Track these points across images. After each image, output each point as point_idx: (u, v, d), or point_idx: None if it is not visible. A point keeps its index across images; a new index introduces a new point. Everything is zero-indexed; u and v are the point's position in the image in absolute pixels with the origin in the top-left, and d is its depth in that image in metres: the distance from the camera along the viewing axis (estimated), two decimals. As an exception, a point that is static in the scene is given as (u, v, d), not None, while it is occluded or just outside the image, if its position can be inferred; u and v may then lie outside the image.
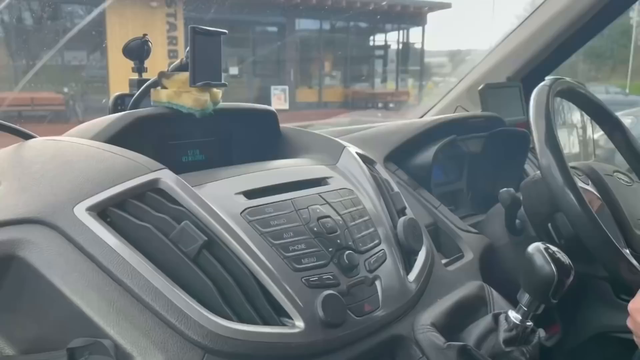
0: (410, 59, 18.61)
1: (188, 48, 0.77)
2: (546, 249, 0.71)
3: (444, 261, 0.91)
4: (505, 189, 0.98)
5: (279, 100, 12.56)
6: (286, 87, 13.31)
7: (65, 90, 11.93)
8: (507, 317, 0.74)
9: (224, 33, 0.80)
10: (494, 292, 0.87)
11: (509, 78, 1.57)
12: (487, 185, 1.28)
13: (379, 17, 16.40)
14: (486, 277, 0.94)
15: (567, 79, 0.98)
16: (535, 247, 0.71)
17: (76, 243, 0.58)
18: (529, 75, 1.57)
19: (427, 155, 1.08)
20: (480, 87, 1.45)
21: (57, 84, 12.41)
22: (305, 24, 16.77)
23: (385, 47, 18.74)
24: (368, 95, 17.47)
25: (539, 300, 0.71)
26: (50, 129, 0.81)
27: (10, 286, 0.58)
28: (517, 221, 1.02)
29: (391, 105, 17.20)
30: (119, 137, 0.76)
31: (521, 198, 0.99)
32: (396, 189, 0.89)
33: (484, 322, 0.76)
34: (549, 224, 0.94)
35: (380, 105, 17.09)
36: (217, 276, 0.60)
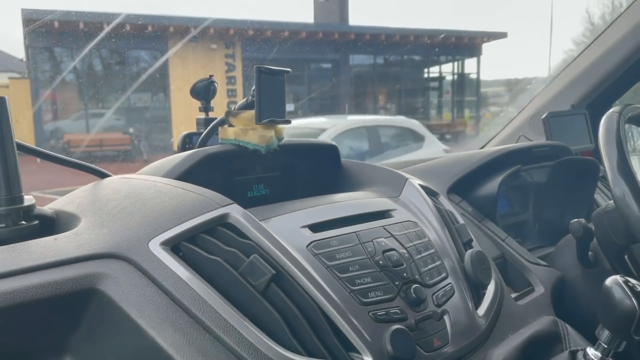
0: (466, 90, 18.43)
1: (254, 87, 0.79)
2: (625, 282, 0.67)
3: (513, 295, 0.88)
4: (576, 219, 0.95)
5: (334, 135, 12.66)
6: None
7: (131, 130, 12.52)
8: (585, 355, 0.71)
9: (288, 72, 0.82)
10: (569, 328, 0.83)
11: (573, 106, 1.53)
12: (555, 216, 1.24)
13: (433, 49, 16.41)
14: (559, 311, 0.90)
15: (638, 105, 0.95)
16: (613, 280, 0.68)
17: (151, 277, 0.60)
18: (594, 103, 1.53)
19: (492, 186, 1.06)
20: (543, 116, 1.42)
21: (123, 125, 13.05)
22: (359, 59, 16.99)
23: (440, 78, 18.68)
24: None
25: (620, 337, 0.68)
26: (118, 168, 0.86)
27: (91, 318, 0.60)
28: (590, 253, 0.98)
29: (448, 136, 17.01)
30: (188, 174, 0.79)
31: (593, 229, 0.96)
32: (461, 220, 0.88)
33: (561, 359, 0.73)
34: (626, 256, 0.90)
35: (436, 136, 16.94)
36: (285, 309, 0.61)
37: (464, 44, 16.92)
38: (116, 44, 11.82)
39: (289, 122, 0.84)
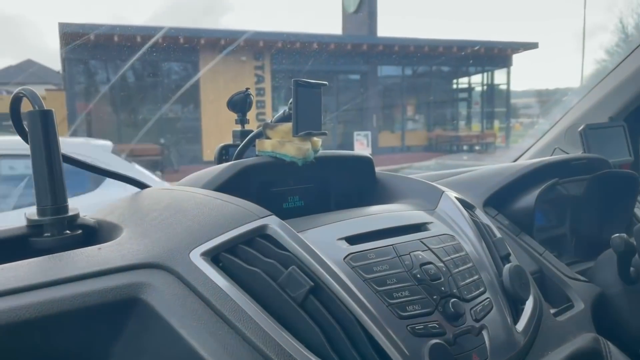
0: (495, 101, 18.24)
1: (291, 100, 0.80)
2: (671, 299, 0.65)
3: (552, 311, 0.86)
4: (617, 234, 0.93)
5: (361, 146, 12.68)
6: (369, 133, 13.43)
7: (162, 141, 12.73)
8: (629, 374, 0.69)
9: (325, 84, 0.83)
10: (611, 345, 0.81)
11: (611, 118, 1.50)
12: (593, 230, 1.21)
13: (462, 60, 16.31)
14: (600, 328, 0.88)
15: None
16: None
17: (192, 287, 0.61)
18: (633, 115, 1.49)
19: (529, 199, 1.05)
20: (580, 128, 1.39)
21: (154, 135, 13.30)
22: (388, 70, 16.99)
23: (469, 89, 18.54)
24: (452, 138, 17.24)
25: (666, 356, 0.66)
26: None
27: (133, 327, 0.62)
28: (632, 269, 0.96)
29: (477, 147, 16.83)
30: (226, 186, 0.80)
31: (635, 244, 0.93)
32: (498, 234, 0.87)
33: (603, 378, 0.71)
34: (670, 273, 0.87)
35: (465, 147, 16.78)
36: (324, 322, 0.61)
37: (494, 55, 16.77)
38: (149, 57, 12.07)
39: (325, 134, 0.85)
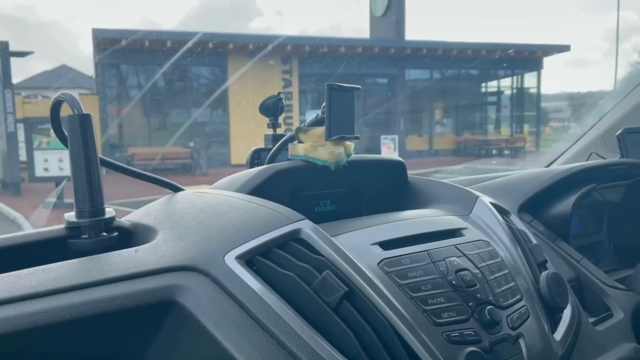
0: (525, 104, 17.96)
1: (324, 104, 0.80)
2: None
3: (591, 320, 0.84)
4: None
5: (388, 149, 12.62)
6: (396, 137, 13.37)
7: (191, 144, 12.90)
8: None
9: (358, 89, 0.83)
10: (653, 357, 0.79)
11: (650, 121, 1.46)
12: (631, 237, 1.18)
13: (491, 63, 16.11)
14: (640, 339, 0.85)
15: None
16: None
17: (227, 290, 0.61)
18: (673, 118, 1.45)
19: (565, 204, 1.02)
20: (618, 132, 1.36)
21: (184, 139, 13.47)
22: (416, 74, 16.90)
23: (499, 92, 18.30)
24: (481, 142, 17.04)
25: None
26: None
27: (169, 329, 0.62)
28: (674, 278, 0.93)
29: (506, 152, 16.59)
30: (259, 189, 0.80)
31: None
32: (534, 240, 0.85)
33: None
34: None
35: (494, 152, 16.56)
36: (358, 327, 0.60)
37: (524, 58, 16.53)
38: (179, 61, 12.25)
39: (358, 138, 0.85)
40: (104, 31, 11.84)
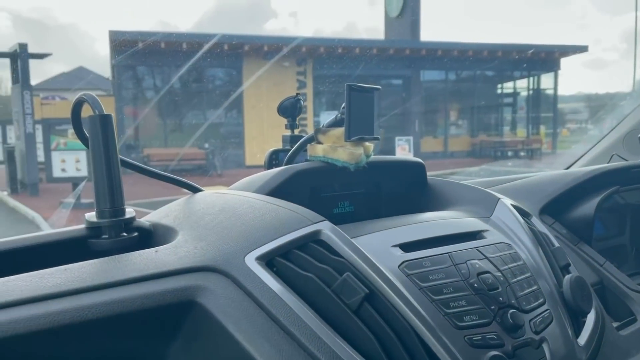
0: (541, 105, 17.79)
1: (343, 104, 0.80)
2: None
3: (615, 325, 0.83)
4: None
5: (403, 151, 12.59)
6: (410, 138, 13.33)
7: (206, 146, 12.97)
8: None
9: (378, 89, 0.82)
10: (679, 364, 0.77)
11: (673, 123, 1.43)
12: (655, 240, 1.16)
13: (507, 64, 15.99)
14: (666, 345, 0.84)
15: None
16: None
17: (247, 291, 0.61)
18: (697, 119, 1.42)
19: (588, 207, 1.01)
20: (641, 134, 1.34)
21: (199, 140, 13.55)
22: (431, 75, 16.83)
23: (515, 94, 18.16)
24: (497, 143, 16.92)
25: None
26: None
27: (189, 330, 0.62)
28: (700, 282, 0.91)
29: (522, 153, 16.44)
30: (278, 190, 0.80)
31: None
32: (557, 243, 0.83)
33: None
34: None
35: (510, 153, 16.42)
36: (379, 330, 0.60)
37: (541, 58, 16.38)
38: (195, 63, 12.34)
39: (377, 139, 0.84)
40: (120, 33, 11.96)
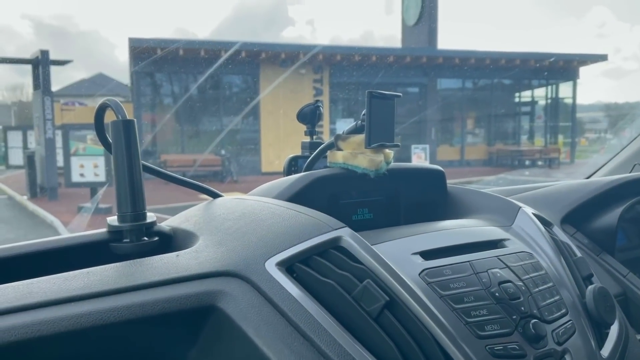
0: (560, 114, 17.62)
1: (364, 111, 0.80)
2: None
3: (638, 337, 0.81)
4: None
5: (419, 159, 12.55)
6: (427, 146, 13.28)
7: (223, 152, 13.04)
8: None
9: (399, 96, 0.82)
10: None
11: (697, 132, 1.41)
12: (679, 252, 1.13)
13: (525, 73, 15.87)
14: (692, 359, 0.82)
15: None
16: None
17: (267, 297, 0.61)
18: None
19: (611, 217, 0.99)
20: (664, 143, 1.31)
21: (215, 147, 13.64)
22: (447, 83, 16.77)
23: (532, 102, 18.01)
24: (514, 152, 16.78)
25: None
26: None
27: (209, 334, 0.62)
28: None
29: (539, 163, 16.28)
30: (298, 196, 0.80)
31: None
32: (579, 253, 0.82)
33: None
34: None
35: (527, 163, 16.27)
36: (399, 338, 0.59)
37: (559, 67, 16.23)
38: (213, 70, 12.44)
39: (398, 146, 0.84)
40: (140, 40, 12.11)
